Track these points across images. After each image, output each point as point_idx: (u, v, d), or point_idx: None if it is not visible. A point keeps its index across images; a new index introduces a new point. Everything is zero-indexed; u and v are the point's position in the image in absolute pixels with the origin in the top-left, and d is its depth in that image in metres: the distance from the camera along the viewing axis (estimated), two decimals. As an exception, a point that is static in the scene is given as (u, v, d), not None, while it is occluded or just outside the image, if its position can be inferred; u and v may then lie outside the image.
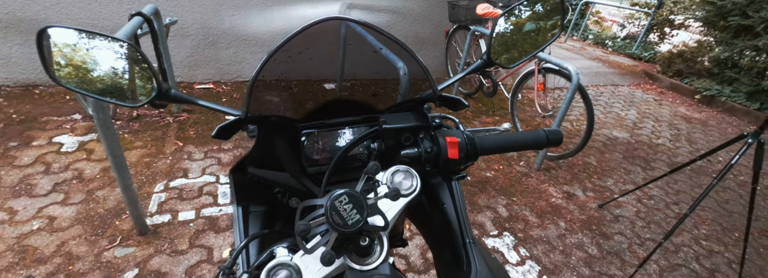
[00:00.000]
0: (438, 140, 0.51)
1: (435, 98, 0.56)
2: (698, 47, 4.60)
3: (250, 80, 0.47)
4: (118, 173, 1.37)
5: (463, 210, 0.57)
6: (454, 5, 2.86)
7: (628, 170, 2.53)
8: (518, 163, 2.40)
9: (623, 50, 5.99)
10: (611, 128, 3.16)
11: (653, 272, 1.69)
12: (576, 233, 1.86)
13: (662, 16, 5.69)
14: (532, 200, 2.05)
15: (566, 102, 1.99)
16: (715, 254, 1.86)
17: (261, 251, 0.51)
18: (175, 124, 2.35)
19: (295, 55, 0.50)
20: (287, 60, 0.49)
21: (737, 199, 2.34)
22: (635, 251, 1.79)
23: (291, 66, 0.51)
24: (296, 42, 0.46)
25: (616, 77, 4.70)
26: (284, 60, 0.49)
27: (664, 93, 4.43)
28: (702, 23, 4.57)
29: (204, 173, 1.93)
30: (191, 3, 2.57)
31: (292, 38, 0.46)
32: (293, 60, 0.50)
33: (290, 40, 0.46)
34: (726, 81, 4.19)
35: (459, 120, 0.61)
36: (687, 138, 3.18)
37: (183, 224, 1.62)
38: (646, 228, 1.97)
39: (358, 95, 0.63)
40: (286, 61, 0.49)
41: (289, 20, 2.87)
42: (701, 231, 2.01)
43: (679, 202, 2.23)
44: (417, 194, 0.46)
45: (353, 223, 0.38)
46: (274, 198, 0.58)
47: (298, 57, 0.51)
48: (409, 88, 0.64)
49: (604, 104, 3.74)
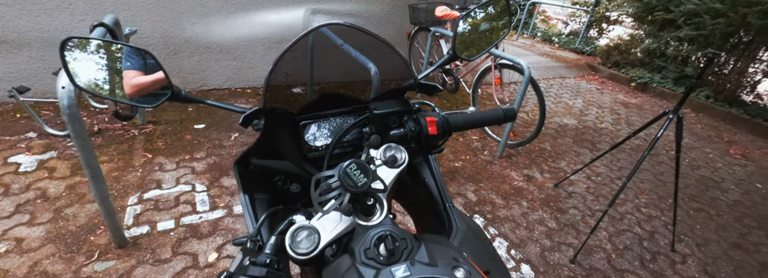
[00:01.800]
0: (419, 121, 0.61)
1: (415, 86, 0.66)
2: (631, 40, 5.11)
3: (266, 78, 0.56)
4: (94, 185, 1.36)
5: (441, 180, 0.68)
6: (415, 8, 3.00)
7: (578, 152, 2.80)
8: (483, 152, 2.59)
9: (568, 45, 6.49)
10: (561, 116, 3.47)
11: (603, 238, 1.92)
12: (537, 210, 2.06)
13: (599, 14, 6.25)
14: (497, 185, 2.23)
15: (520, 94, 2.19)
16: (653, 218, 2.13)
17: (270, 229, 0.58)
18: (141, 136, 2.30)
19: (299, 56, 0.58)
20: (291, 61, 0.57)
21: (669, 171, 2.68)
22: (587, 221, 2.02)
23: (291, 67, 0.59)
24: (299, 45, 0.54)
25: (563, 70, 5.11)
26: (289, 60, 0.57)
27: (604, 82, 4.89)
28: (633, 18, 5.09)
29: (179, 183, 1.92)
30: (150, 12, 2.52)
31: (296, 43, 0.54)
32: (292, 61, 0.58)
33: (294, 44, 0.54)
34: (656, 69, 4.70)
35: (433, 104, 0.72)
36: (626, 121, 3.55)
37: (163, 233, 1.62)
38: (595, 201, 2.22)
39: (344, 91, 0.72)
40: (288, 62, 0.57)
41: (252, 26, 2.88)
42: (641, 200, 2.30)
43: (622, 176, 2.52)
44: (405, 166, 0.56)
45: (362, 184, 0.47)
46: (275, 186, 0.66)
47: (297, 59, 0.58)
48: (380, 86, 0.74)
49: (554, 95, 4.07)
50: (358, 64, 0.71)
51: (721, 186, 2.60)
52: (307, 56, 0.65)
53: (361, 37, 0.60)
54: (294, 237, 0.46)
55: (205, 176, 2.00)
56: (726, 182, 2.66)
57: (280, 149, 0.61)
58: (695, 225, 2.13)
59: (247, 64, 3.06)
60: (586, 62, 5.50)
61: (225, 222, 1.71)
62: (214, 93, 3.00)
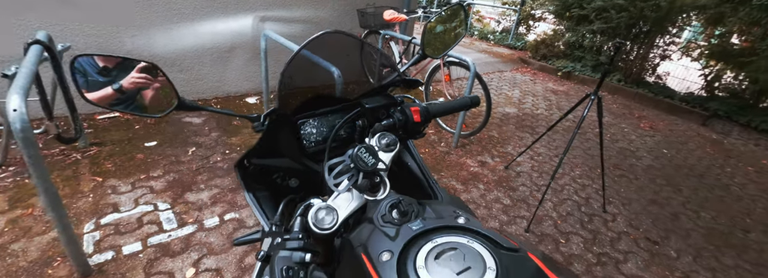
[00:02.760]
0: (405, 111, 0.72)
1: (400, 81, 0.76)
2: (554, 35, 5.71)
3: (279, 84, 0.63)
4: (54, 212, 1.29)
5: (422, 162, 0.80)
6: (363, 13, 3.10)
7: (521, 136, 3.13)
8: (440, 144, 2.80)
9: (502, 42, 7.05)
10: (503, 106, 3.82)
11: (549, 208, 2.20)
12: (492, 191, 2.30)
13: (526, 12, 6.88)
14: (455, 172, 2.44)
15: (468, 88, 2.42)
16: (586, 187, 2.48)
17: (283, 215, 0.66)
18: (86, 160, 2.16)
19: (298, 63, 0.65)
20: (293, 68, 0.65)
21: (595, 146, 3.10)
22: (535, 195, 2.30)
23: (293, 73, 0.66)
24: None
25: (501, 65, 5.58)
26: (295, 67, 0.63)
27: (536, 74, 5.42)
28: (554, 15, 5.70)
29: (138, 204, 1.84)
30: (82, 26, 2.36)
31: (299, 51, 0.62)
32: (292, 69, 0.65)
33: (298, 53, 0.62)
34: (576, 59, 5.32)
35: (413, 97, 0.83)
36: (557, 106, 4.01)
37: (131, 256, 1.56)
38: (539, 177, 2.52)
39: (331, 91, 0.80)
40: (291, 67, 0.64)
41: (199, 36, 2.80)
42: (575, 173, 2.65)
43: (558, 154, 2.87)
44: (398, 150, 0.67)
45: (372, 164, 0.57)
46: (274, 183, 0.73)
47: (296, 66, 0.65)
48: (344, 88, 0.84)
49: (495, 88, 4.45)
50: (323, 70, 0.80)
51: (637, 155, 3.08)
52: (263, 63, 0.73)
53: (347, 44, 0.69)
54: (316, 215, 0.55)
55: (166, 194, 1.94)
56: (640, 151, 3.15)
57: (279, 148, 0.69)
58: (619, 189, 2.51)
59: (194, 76, 2.97)
60: (519, 56, 6.04)
61: (197, 237, 1.69)
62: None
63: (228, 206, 1.91)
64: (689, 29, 4.75)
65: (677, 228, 2.17)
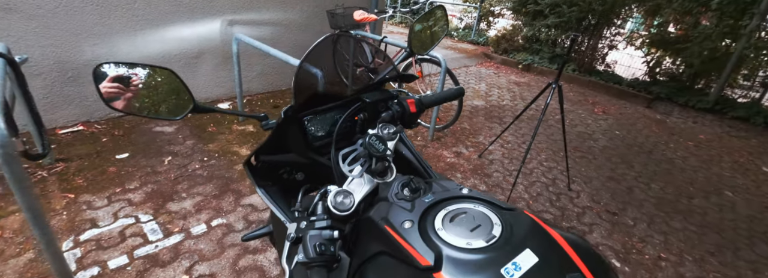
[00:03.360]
0: (402, 104, 0.79)
1: (396, 76, 0.83)
2: (513, 30, 6.01)
3: (293, 84, 0.69)
4: (39, 229, 1.26)
5: (414, 148, 0.89)
6: (333, 14, 3.10)
7: (490, 127, 3.32)
8: (416, 139, 2.91)
9: (466, 38, 7.31)
10: (472, 99, 4.01)
11: (522, 190, 2.38)
12: (469, 178, 2.44)
13: (486, 9, 7.18)
14: (433, 164, 2.57)
15: (440, 83, 2.54)
16: (552, 169, 2.70)
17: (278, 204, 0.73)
18: (53, 177, 2.07)
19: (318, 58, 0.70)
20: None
21: (558, 131, 3.35)
22: (508, 180, 2.47)
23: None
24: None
25: (466, 60, 5.81)
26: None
27: (499, 67, 5.69)
28: (512, 11, 6.01)
29: (118, 218, 1.79)
30: (37, 36, 2.23)
31: (310, 53, 0.67)
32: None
33: (309, 54, 0.67)
34: (535, 52, 5.64)
35: (407, 91, 0.91)
36: (520, 97, 4.26)
37: (118, 270, 1.54)
38: (510, 163, 2.71)
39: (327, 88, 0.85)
40: None
41: (165, 42, 2.72)
42: (542, 157, 2.86)
43: (526, 141, 3.08)
44: (398, 138, 0.74)
45: (383, 150, 0.64)
46: (281, 177, 0.79)
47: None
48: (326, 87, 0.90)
49: (463, 82, 4.64)
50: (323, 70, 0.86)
51: (593, 137, 3.36)
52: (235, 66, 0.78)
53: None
54: (335, 199, 0.61)
55: (146, 205, 1.91)
56: (596, 134, 3.44)
57: (287, 143, 0.75)
58: (581, 169, 2.75)
59: (163, 83, 2.89)
60: (482, 51, 6.31)
61: (186, 245, 1.68)
62: (127, 119, 2.75)
63: (213, 212, 1.91)
64: (632, 20, 5.20)
65: (632, 199, 2.43)
